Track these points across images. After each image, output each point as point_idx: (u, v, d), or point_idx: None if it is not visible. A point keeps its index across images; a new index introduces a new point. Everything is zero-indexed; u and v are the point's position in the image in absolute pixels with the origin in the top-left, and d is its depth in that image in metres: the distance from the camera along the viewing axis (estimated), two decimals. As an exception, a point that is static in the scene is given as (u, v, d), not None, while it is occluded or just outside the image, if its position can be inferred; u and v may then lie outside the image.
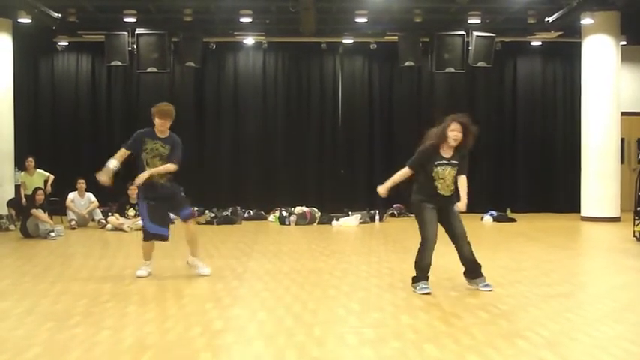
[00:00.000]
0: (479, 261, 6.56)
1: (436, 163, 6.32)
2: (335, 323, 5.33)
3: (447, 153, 6.37)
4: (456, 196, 6.48)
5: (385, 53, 14.96)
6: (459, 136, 6.29)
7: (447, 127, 6.31)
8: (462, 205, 6.43)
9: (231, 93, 15.44)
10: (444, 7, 13.48)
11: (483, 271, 6.56)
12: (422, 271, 6.43)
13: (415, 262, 6.46)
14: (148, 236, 7.25)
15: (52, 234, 10.72)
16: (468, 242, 6.49)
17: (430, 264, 6.43)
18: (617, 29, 13.34)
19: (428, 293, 6.26)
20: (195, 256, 7.47)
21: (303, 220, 13.24)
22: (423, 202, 6.38)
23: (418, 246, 6.42)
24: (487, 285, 6.51)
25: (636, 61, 15.32)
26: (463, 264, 6.57)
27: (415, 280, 6.46)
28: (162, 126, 7.07)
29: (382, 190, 6.57)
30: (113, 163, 7.01)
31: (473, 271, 6.56)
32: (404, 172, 6.50)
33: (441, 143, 6.35)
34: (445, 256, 6.81)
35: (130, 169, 7.42)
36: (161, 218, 7.19)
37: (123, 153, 7.13)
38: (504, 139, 15.60)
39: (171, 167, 7.09)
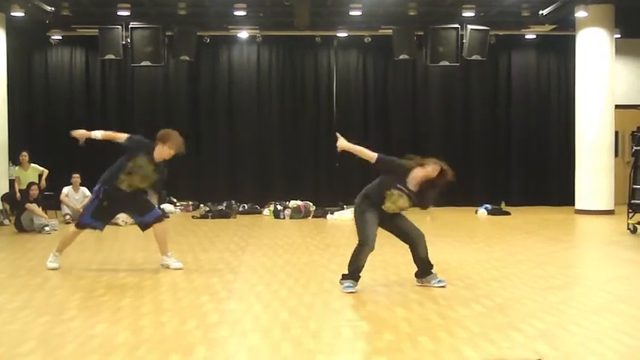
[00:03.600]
0: (431, 261, 6.40)
1: (398, 185, 6.10)
2: (330, 316, 5.34)
3: (412, 184, 6.13)
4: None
5: (379, 47, 14.95)
6: (431, 176, 6.07)
7: (423, 166, 6.09)
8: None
9: (225, 87, 15.41)
10: (439, 0, 13.46)
11: (474, 267, 6.51)
12: (354, 271, 6.22)
13: (349, 261, 6.24)
14: (82, 226, 7.26)
15: (47, 228, 10.70)
16: (425, 242, 6.31)
17: (363, 266, 6.23)
18: (612, 22, 13.36)
19: (352, 292, 6.10)
20: (165, 255, 7.40)
21: (298, 213, 13.24)
22: (365, 205, 6.18)
23: (355, 247, 6.22)
24: (440, 281, 6.34)
25: (630, 54, 15.35)
26: (416, 265, 6.42)
27: (344, 277, 6.24)
28: (164, 153, 6.98)
29: (343, 144, 6.29)
30: (97, 135, 7.10)
31: (424, 271, 6.40)
32: (368, 154, 6.22)
33: (412, 170, 6.12)
34: (436, 249, 6.81)
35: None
36: (103, 217, 7.22)
37: (117, 137, 7.05)
38: (499, 132, 15.62)
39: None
